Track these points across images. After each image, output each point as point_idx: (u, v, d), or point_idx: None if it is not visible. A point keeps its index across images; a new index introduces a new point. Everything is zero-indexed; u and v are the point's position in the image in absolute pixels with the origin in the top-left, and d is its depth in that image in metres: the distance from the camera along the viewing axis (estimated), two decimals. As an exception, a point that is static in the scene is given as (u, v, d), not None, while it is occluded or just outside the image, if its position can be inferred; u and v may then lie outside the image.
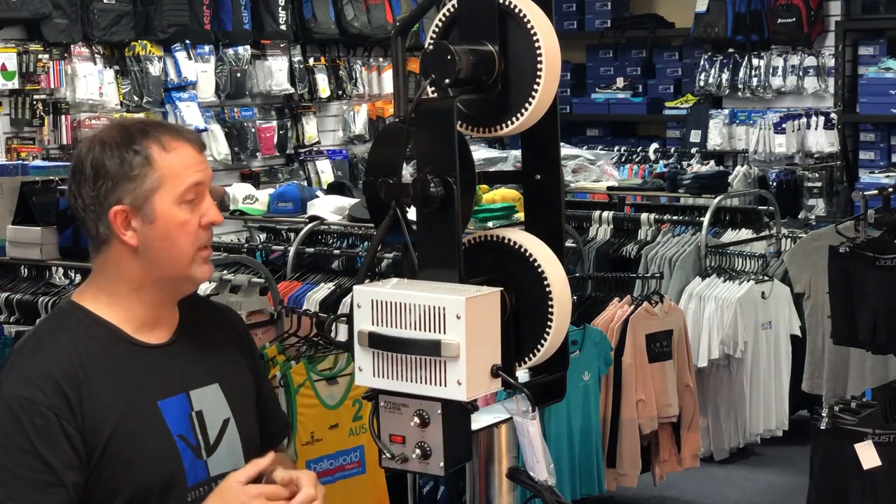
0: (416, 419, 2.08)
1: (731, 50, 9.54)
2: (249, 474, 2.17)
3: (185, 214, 2.21)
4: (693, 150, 9.12)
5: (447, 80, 2.14)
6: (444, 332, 2.02)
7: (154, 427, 2.21)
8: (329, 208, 6.21)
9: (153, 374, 2.25)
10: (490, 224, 5.41)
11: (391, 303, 2.07)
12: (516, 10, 2.17)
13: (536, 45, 2.15)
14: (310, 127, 9.06)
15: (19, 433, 2.10)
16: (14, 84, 7.23)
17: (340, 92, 9.21)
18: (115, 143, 2.21)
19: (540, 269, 2.20)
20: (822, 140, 9.08)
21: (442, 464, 2.08)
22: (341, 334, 4.63)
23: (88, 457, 2.15)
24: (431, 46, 2.17)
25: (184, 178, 2.21)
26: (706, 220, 6.32)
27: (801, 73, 9.29)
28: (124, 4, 7.70)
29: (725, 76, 9.54)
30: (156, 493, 2.19)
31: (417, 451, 2.09)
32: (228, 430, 2.31)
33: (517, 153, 6.79)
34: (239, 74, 8.40)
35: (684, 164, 8.39)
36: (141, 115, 7.68)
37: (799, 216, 8.52)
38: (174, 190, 2.20)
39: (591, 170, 7.59)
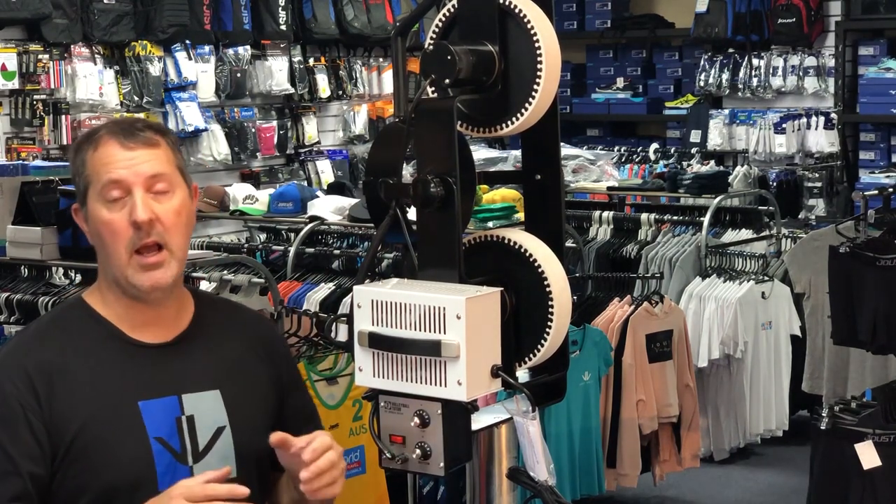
0: (416, 419, 2.08)
1: (731, 50, 9.54)
2: (198, 481, 2.12)
3: (108, 214, 2.19)
4: (693, 150, 9.11)
5: (447, 80, 2.14)
6: (444, 332, 2.02)
7: (127, 427, 2.18)
8: (329, 208, 6.21)
9: (141, 374, 2.22)
10: (490, 224, 5.41)
11: (391, 303, 2.07)
12: (516, 10, 2.17)
13: (536, 45, 2.15)
14: (310, 127, 9.06)
15: None
16: (14, 84, 7.22)
17: (340, 92, 9.20)
18: (73, 147, 2.28)
19: (540, 269, 2.20)
20: (822, 140, 9.08)
21: (442, 464, 2.08)
22: (341, 334, 4.63)
23: (54, 451, 2.14)
24: (431, 46, 2.17)
25: (101, 175, 2.19)
26: (706, 220, 6.32)
27: (801, 73, 9.28)
28: (124, 4, 7.69)
29: (725, 76, 9.54)
30: (122, 494, 2.15)
31: (417, 451, 2.09)
32: (221, 439, 2.25)
33: (517, 153, 6.79)
34: (239, 74, 8.39)
35: (684, 164, 8.38)
36: (140, 116, 7.69)
37: (799, 216, 8.51)
38: (95, 188, 2.20)
39: (591, 170, 7.59)
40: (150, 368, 2.23)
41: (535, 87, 2.16)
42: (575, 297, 4.74)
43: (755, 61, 9.43)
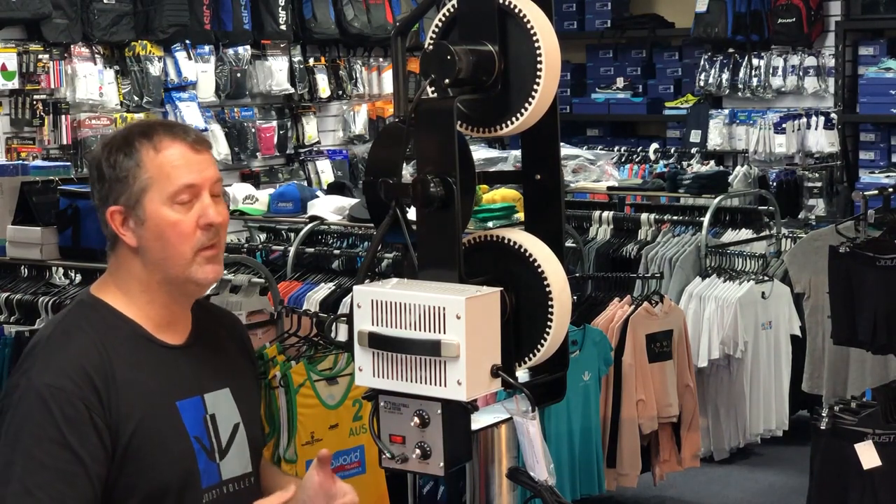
0: (416, 419, 2.08)
1: (731, 50, 9.54)
2: None
3: (175, 215, 2.21)
4: (693, 150, 9.12)
5: (447, 80, 2.13)
6: (444, 332, 2.02)
7: (173, 427, 2.23)
8: (329, 208, 6.21)
9: (173, 375, 2.26)
10: (490, 224, 5.41)
11: (391, 303, 2.07)
12: (516, 10, 2.17)
13: (536, 45, 2.15)
14: (310, 127, 9.06)
15: (49, 422, 2.11)
16: (14, 84, 7.22)
17: (340, 92, 9.21)
18: (114, 146, 2.25)
19: (540, 269, 2.20)
20: (822, 140, 9.08)
21: (442, 464, 2.08)
22: (341, 334, 4.63)
23: (113, 451, 2.16)
24: (431, 46, 2.17)
25: (173, 179, 2.21)
26: (706, 220, 6.32)
27: (801, 73, 9.29)
28: (124, 4, 7.69)
29: (725, 76, 9.54)
30: (173, 493, 2.20)
31: (417, 451, 2.09)
32: (238, 435, 2.33)
33: (517, 153, 6.78)
34: (239, 74, 8.40)
35: (684, 164, 8.39)
36: (141, 116, 7.69)
37: (799, 216, 8.52)
38: (163, 191, 2.21)
39: (591, 170, 7.59)
40: (177, 369, 2.28)
41: (535, 87, 2.16)
42: (575, 297, 4.74)
43: (755, 61, 9.43)
